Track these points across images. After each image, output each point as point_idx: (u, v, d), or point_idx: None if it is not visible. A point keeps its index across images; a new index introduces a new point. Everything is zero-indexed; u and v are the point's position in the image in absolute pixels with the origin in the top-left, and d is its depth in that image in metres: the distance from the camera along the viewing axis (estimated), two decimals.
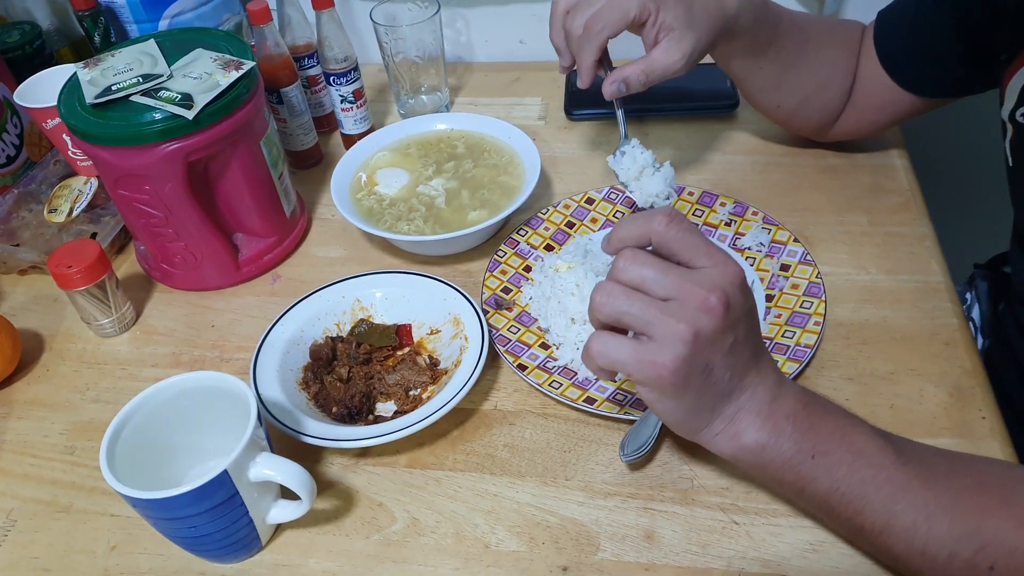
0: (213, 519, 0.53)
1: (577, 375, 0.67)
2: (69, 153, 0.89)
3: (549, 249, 0.79)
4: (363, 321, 0.73)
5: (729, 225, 0.79)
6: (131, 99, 0.71)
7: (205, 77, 0.72)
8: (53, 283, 0.74)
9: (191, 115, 0.69)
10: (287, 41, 0.90)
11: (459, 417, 0.66)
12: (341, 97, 0.93)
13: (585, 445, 0.64)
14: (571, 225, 0.82)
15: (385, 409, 0.68)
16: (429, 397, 0.66)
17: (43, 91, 0.86)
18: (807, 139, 0.89)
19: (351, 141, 0.94)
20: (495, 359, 0.70)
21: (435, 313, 0.72)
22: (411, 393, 0.68)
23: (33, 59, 0.98)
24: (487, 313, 0.72)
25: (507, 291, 0.75)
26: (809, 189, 0.85)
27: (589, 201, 0.83)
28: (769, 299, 0.71)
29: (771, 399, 0.51)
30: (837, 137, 0.86)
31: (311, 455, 0.64)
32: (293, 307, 0.72)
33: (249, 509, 0.54)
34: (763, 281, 0.73)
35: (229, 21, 0.99)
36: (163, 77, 0.73)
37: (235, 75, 0.72)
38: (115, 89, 0.72)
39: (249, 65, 0.74)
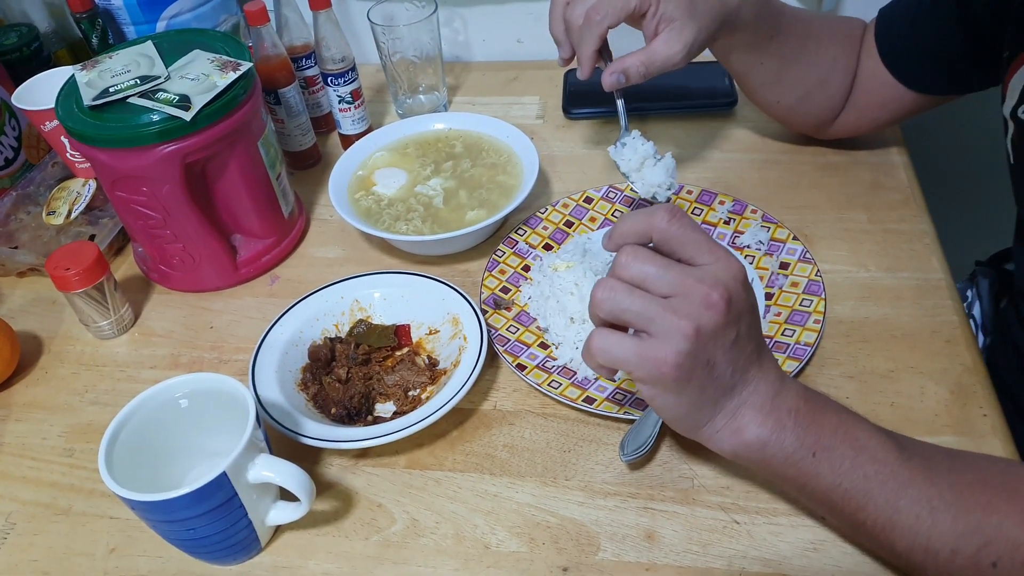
0: (212, 521, 0.53)
1: (576, 374, 0.67)
2: (67, 155, 0.89)
3: (548, 248, 0.79)
4: (362, 322, 0.73)
5: (728, 223, 0.79)
6: (129, 101, 0.71)
7: (202, 78, 0.72)
8: (51, 285, 0.74)
9: (188, 116, 0.69)
10: (284, 42, 0.90)
11: (458, 417, 0.66)
12: (339, 97, 0.93)
13: (585, 445, 0.64)
14: (570, 224, 0.81)
15: (384, 410, 0.68)
16: (428, 397, 0.66)
17: (41, 93, 0.86)
18: (806, 137, 0.89)
19: (349, 141, 0.94)
20: (494, 359, 0.70)
21: (434, 313, 0.72)
22: (410, 393, 0.68)
23: (31, 61, 0.98)
24: (486, 313, 0.72)
25: (506, 291, 0.75)
26: (808, 187, 0.84)
27: (588, 200, 0.83)
28: (768, 297, 0.71)
29: (773, 394, 0.51)
30: (837, 135, 0.85)
31: (310, 456, 0.64)
32: (291, 308, 0.72)
33: (248, 511, 0.54)
34: (762, 279, 0.73)
35: (227, 22, 0.99)
36: (160, 79, 0.73)
37: (232, 76, 0.72)
38: (113, 91, 0.72)
39: (246, 66, 0.74)
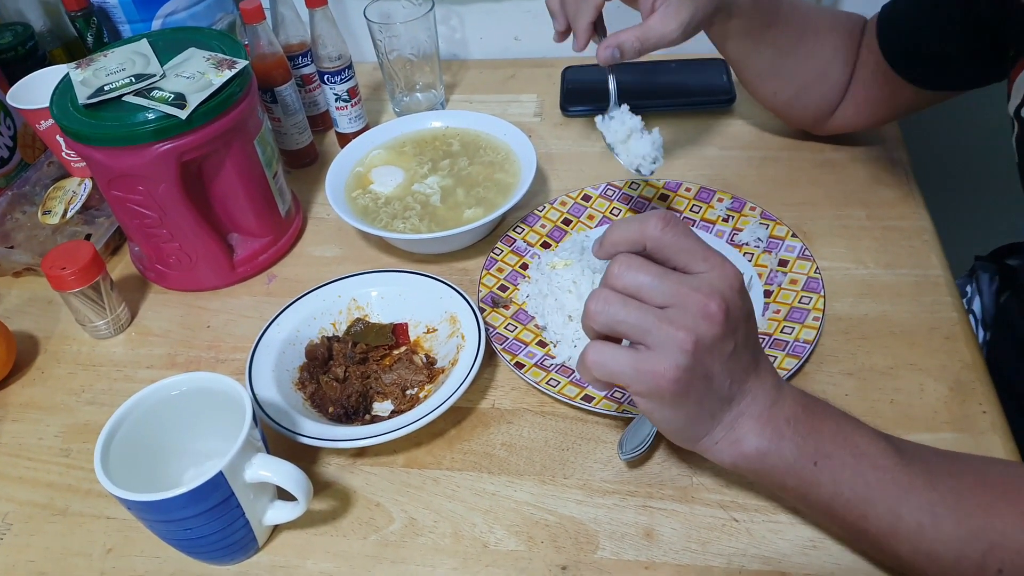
0: (209, 521, 0.52)
1: (574, 373, 0.67)
2: (63, 154, 0.88)
3: (546, 246, 0.79)
4: (359, 320, 0.73)
5: (726, 220, 0.78)
6: (124, 99, 0.71)
7: (198, 76, 0.72)
8: (48, 285, 0.74)
9: (184, 115, 0.68)
10: (280, 40, 0.90)
11: (456, 416, 0.66)
12: (335, 95, 0.93)
13: (583, 443, 0.63)
14: (568, 222, 0.81)
15: (382, 409, 0.67)
16: (426, 396, 0.66)
17: (36, 92, 0.85)
18: (805, 133, 0.88)
19: (346, 140, 0.93)
20: (492, 357, 0.70)
21: (431, 312, 0.72)
22: (408, 392, 0.68)
23: (26, 60, 0.98)
24: (484, 311, 0.72)
25: (504, 289, 0.75)
26: (807, 183, 0.84)
27: (586, 198, 0.83)
28: (767, 295, 0.71)
29: (771, 403, 0.50)
30: (835, 130, 0.85)
31: (307, 456, 0.64)
32: (289, 307, 0.72)
33: (245, 510, 0.54)
34: (761, 276, 0.73)
35: (222, 20, 0.98)
36: (156, 77, 0.72)
37: (228, 74, 0.72)
38: (108, 89, 0.71)
39: (242, 64, 0.74)
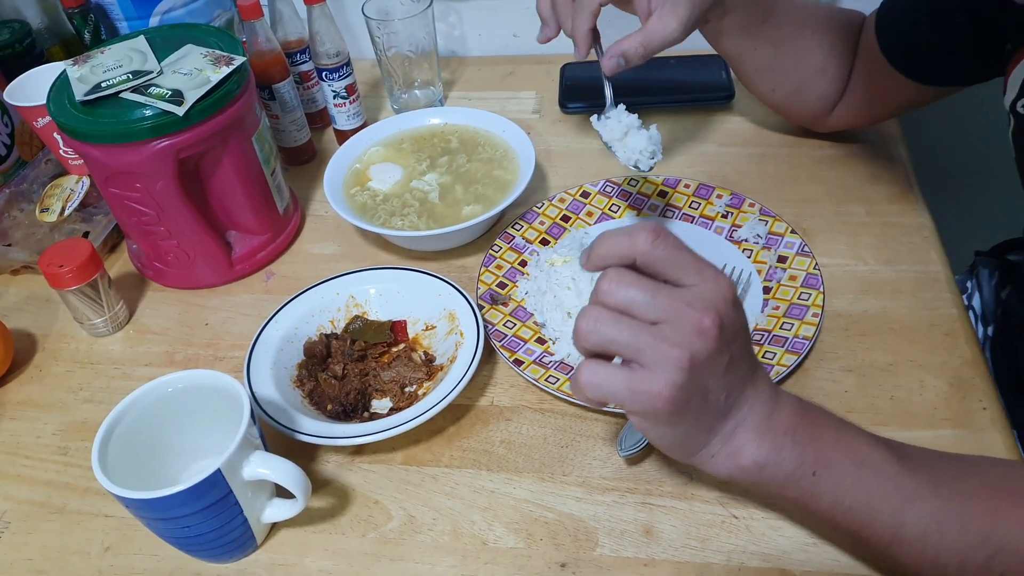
0: (207, 519, 0.52)
1: (574, 370, 0.66)
2: (60, 152, 0.88)
3: (544, 243, 0.79)
4: (358, 318, 0.73)
5: (726, 217, 0.78)
6: (121, 96, 0.70)
7: (195, 73, 0.72)
8: (45, 283, 0.74)
9: (181, 112, 0.68)
10: (279, 37, 0.89)
11: (455, 413, 0.66)
12: (334, 92, 0.92)
13: (582, 440, 0.63)
14: (566, 219, 0.81)
15: (380, 406, 0.67)
16: (425, 393, 0.66)
17: (33, 89, 0.85)
18: (804, 130, 0.88)
19: (344, 137, 0.93)
20: (491, 354, 0.70)
21: (430, 309, 0.71)
22: (406, 390, 0.67)
23: (24, 57, 0.97)
24: (482, 308, 0.72)
25: (502, 286, 0.75)
26: (806, 180, 0.84)
27: (584, 195, 0.83)
28: (767, 291, 0.71)
29: (768, 413, 0.49)
30: (835, 127, 0.85)
31: (306, 453, 0.64)
32: (287, 304, 0.71)
33: (243, 508, 0.54)
34: (760, 273, 0.72)
35: (220, 17, 0.98)
36: (153, 73, 0.72)
37: (226, 71, 0.72)
38: (105, 86, 0.71)
39: (240, 61, 0.73)
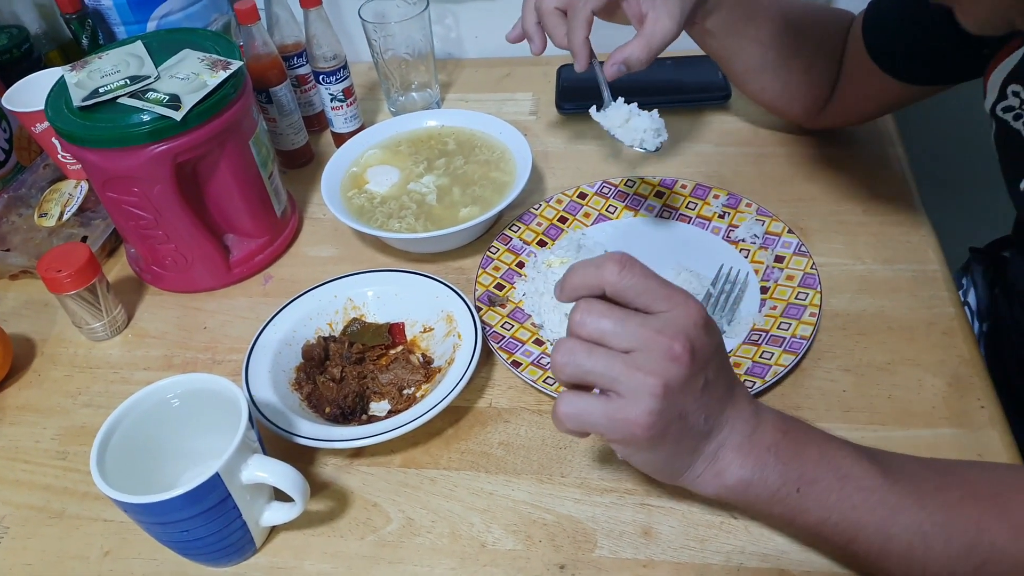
0: (206, 522, 0.52)
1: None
2: (59, 157, 0.88)
3: (542, 244, 0.79)
4: (355, 320, 0.73)
5: (723, 217, 0.78)
6: (118, 101, 0.71)
7: (192, 77, 0.72)
8: (44, 288, 0.74)
9: (179, 116, 0.68)
10: (275, 40, 0.89)
11: (453, 415, 0.66)
12: (331, 95, 0.93)
13: (581, 442, 0.63)
14: (564, 220, 0.81)
15: (379, 408, 0.67)
16: (423, 396, 0.66)
17: (32, 95, 0.85)
18: (800, 129, 0.88)
19: (342, 140, 0.93)
20: (489, 356, 0.70)
21: (428, 311, 0.71)
22: (405, 392, 0.67)
23: (22, 63, 0.98)
24: (480, 310, 0.72)
25: (500, 287, 0.75)
26: (803, 180, 0.84)
27: (582, 196, 0.83)
28: (764, 291, 0.71)
29: (750, 432, 0.49)
30: (826, 125, 0.85)
31: (304, 456, 0.64)
32: (285, 307, 0.71)
33: (242, 512, 0.54)
34: (758, 273, 0.73)
35: (217, 21, 0.98)
36: (150, 78, 0.72)
37: (223, 75, 0.72)
38: (102, 91, 0.71)
39: (237, 65, 0.73)
